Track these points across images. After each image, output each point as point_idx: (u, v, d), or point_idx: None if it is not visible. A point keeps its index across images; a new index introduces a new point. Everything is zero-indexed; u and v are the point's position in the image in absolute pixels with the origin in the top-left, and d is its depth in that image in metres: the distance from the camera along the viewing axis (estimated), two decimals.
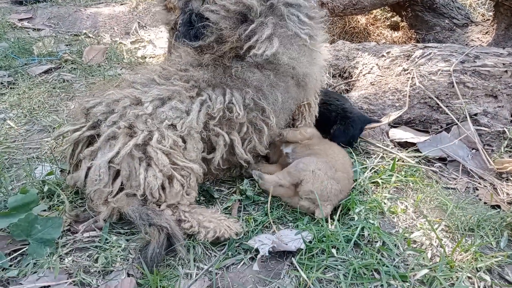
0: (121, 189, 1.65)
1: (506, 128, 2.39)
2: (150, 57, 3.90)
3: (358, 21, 4.71)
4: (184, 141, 1.69)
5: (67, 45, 4.06)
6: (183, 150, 1.69)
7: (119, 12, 5.02)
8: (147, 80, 1.82)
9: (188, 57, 1.87)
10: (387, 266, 1.46)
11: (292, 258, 1.54)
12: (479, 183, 2.15)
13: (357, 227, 1.63)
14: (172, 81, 1.79)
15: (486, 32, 3.85)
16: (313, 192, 1.69)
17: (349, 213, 1.76)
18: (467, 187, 2.13)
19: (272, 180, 1.80)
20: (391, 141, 2.45)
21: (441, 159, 2.32)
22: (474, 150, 2.37)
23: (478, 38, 3.92)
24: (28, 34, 4.40)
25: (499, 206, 1.91)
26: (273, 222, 1.73)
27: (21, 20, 4.77)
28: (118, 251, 1.56)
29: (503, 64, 2.48)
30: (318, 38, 1.97)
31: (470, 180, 2.18)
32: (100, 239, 1.62)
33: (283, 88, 1.87)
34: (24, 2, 5.07)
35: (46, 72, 3.41)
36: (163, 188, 1.64)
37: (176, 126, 1.68)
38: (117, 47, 3.99)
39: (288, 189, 1.79)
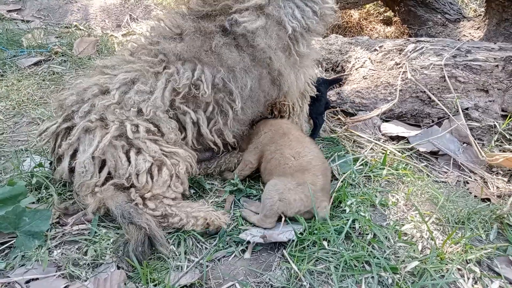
0: (108, 180, 1.64)
1: (497, 122, 2.41)
2: None
3: (351, 15, 4.70)
4: (156, 125, 1.68)
5: (57, 37, 3.99)
6: (160, 135, 1.68)
7: (110, 5, 4.95)
8: (118, 61, 1.81)
9: (160, 29, 1.84)
10: (378, 258, 1.47)
11: (283, 250, 1.53)
12: (469, 177, 2.16)
13: (348, 220, 1.63)
14: (140, 56, 1.77)
15: (478, 28, 3.87)
16: (297, 212, 1.64)
17: (341, 205, 1.76)
18: (457, 180, 2.14)
19: (255, 219, 1.68)
20: (383, 135, 2.45)
21: (432, 153, 2.33)
22: (465, 144, 2.39)
23: (469, 33, 3.94)
24: (17, 25, 4.32)
25: (489, 199, 1.92)
26: None
27: (9, 11, 4.68)
28: (108, 244, 1.55)
29: (494, 58, 2.49)
30: (308, 50, 1.91)
31: (461, 173, 2.19)
32: (89, 232, 1.61)
33: (255, 76, 1.81)
34: None
35: (35, 64, 3.36)
36: (151, 176, 1.63)
37: (142, 110, 1.67)
38: (108, 40, 3.93)
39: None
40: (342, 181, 1.90)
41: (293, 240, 1.55)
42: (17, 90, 2.84)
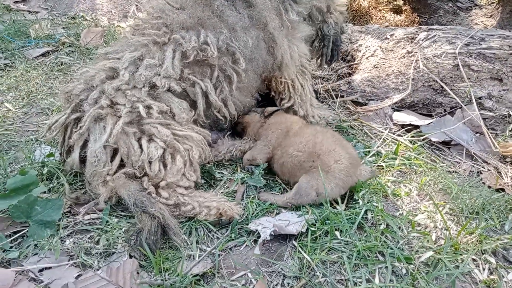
0: (120, 167, 1.63)
1: (511, 111, 2.36)
2: None
3: (360, 4, 4.63)
4: (168, 106, 1.70)
5: (64, 28, 3.98)
6: (172, 116, 1.70)
7: None
8: (121, 44, 1.82)
9: (160, 5, 1.88)
10: (391, 248, 1.45)
11: (293, 242, 1.52)
12: (482, 167, 2.13)
13: (361, 210, 1.62)
14: (144, 32, 1.80)
15: (491, 16, 3.79)
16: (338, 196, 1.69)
17: (353, 196, 1.74)
18: (470, 171, 2.12)
19: (280, 201, 1.72)
20: (394, 124, 2.42)
21: (445, 143, 2.30)
22: (478, 134, 2.35)
23: (482, 21, 3.86)
24: (24, 16, 4.32)
25: (503, 190, 1.89)
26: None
27: (16, 2, 4.68)
28: (120, 233, 1.55)
29: (509, 46, 2.44)
30: (298, 18, 2.07)
31: (474, 164, 2.16)
32: (101, 221, 1.60)
33: (254, 36, 1.90)
34: None
35: (43, 55, 3.35)
36: (164, 165, 1.63)
37: (155, 84, 1.68)
38: (115, 30, 3.91)
39: None
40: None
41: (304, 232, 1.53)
42: (25, 81, 2.84)
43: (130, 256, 1.45)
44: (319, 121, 2.33)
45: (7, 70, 2.99)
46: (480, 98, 2.43)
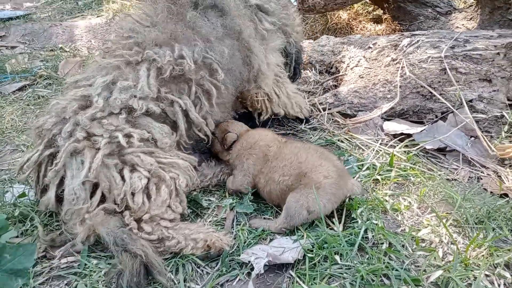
0: (99, 203, 1.51)
1: (505, 112, 2.30)
2: None
3: (340, 16, 4.62)
4: (149, 132, 1.60)
5: (42, 61, 3.89)
6: (154, 142, 1.60)
7: (95, 24, 4.86)
8: (91, 70, 1.73)
9: (129, 24, 1.81)
10: (396, 270, 1.33)
11: (290, 271, 1.39)
12: (481, 172, 2.04)
13: (360, 229, 1.50)
14: (114, 53, 1.72)
15: (471, 18, 3.79)
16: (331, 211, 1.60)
17: (350, 214, 1.63)
18: (470, 177, 2.02)
19: (272, 227, 1.60)
20: (386, 134, 2.33)
21: (440, 150, 2.21)
22: (473, 138, 2.27)
23: (463, 24, 3.85)
24: (1, 52, 4.23)
25: (506, 195, 1.80)
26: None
27: None
28: (100, 276, 1.41)
29: (495, 46, 2.39)
30: (272, 27, 2.07)
31: (472, 169, 2.07)
32: (79, 265, 1.46)
33: (229, 45, 1.84)
34: None
35: (20, 89, 3.24)
36: (148, 196, 1.51)
37: (132, 107, 1.58)
38: (94, 59, 3.82)
39: None
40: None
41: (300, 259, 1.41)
42: (0, 118, 2.72)
43: None
44: (296, 111, 2.36)
45: None
46: (471, 100, 2.37)
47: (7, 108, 2.87)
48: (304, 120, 2.47)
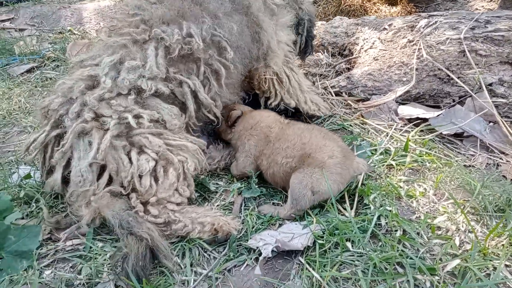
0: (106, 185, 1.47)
1: None
2: None
3: None
4: (158, 112, 1.56)
5: (50, 43, 3.85)
6: (163, 123, 1.56)
7: (104, 7, 4.79)
8: (97, 50, 1.66)
9: (135, 0, 1.74)
10: (411, 258, 1.27)
11: (300, 257, 1.35)
12: (500, 159, 1.96)
13: (373, 216, 1.44)
14: (121, 31, 1.65)
15: (491, 0, 3.63)
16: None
17: (363, 200, 1.57)
18: (487, 163, 1.94)
19: (282, 214, 1.56)
20: (401, 119, 2.25)
21: (457, 135, 2.12)
22: (491, 123, 2.17)
23: (482, 6, 3.70)
24: (10, 34, 4.20)
25: None
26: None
27: (2, 21, 4.56)
28: (105, 260, 1.38)
29: None
30: (282, 2, 2.00)
31: (490, 155, 1.98)
32: (84, 247, 1.44)
33: (237, 21, 1.76)
34: (4, 2, 4.83)
35: (28, 71, 3.22)
36: (155, 179, 1.47)
37: (141, 87, 1.53)
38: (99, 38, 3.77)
39: None
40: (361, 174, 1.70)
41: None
42: (7, 99, 2.70)
43: (116, 286, 1.28)
44: (313, 108, 2.19)
45: None
46: (490, 84, 2.26)
47: (15, 89, 2.85)
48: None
